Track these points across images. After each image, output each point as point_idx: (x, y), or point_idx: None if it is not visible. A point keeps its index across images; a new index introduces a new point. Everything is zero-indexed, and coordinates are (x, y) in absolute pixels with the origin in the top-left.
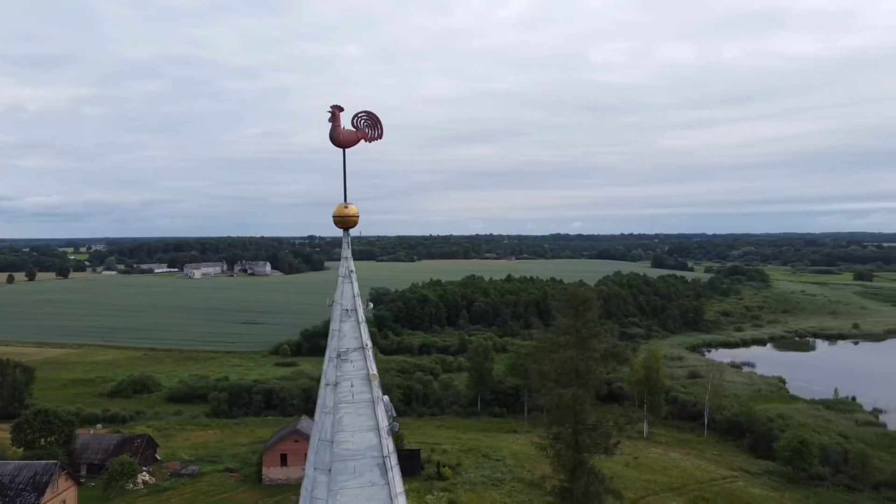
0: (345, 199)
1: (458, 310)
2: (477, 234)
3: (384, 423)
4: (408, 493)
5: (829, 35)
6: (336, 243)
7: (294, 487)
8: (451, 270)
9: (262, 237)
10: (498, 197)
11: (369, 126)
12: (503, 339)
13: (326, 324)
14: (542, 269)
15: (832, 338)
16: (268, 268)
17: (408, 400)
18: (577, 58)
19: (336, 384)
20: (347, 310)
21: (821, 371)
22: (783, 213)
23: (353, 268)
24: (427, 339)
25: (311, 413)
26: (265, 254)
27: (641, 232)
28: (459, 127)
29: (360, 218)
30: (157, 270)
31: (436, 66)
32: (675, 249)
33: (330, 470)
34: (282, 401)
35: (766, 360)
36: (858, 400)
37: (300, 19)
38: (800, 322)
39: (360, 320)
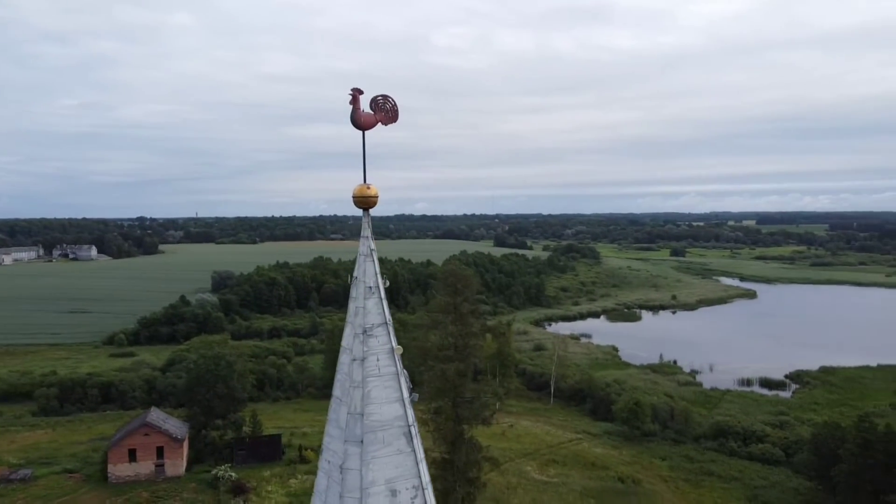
0: (364, 180)
1: (307, 292)
2: (321, 215)
3: (407, 393)
4: (270, 479)
5: (648, 32)
6: (169, 225)
7: (143, 483)
8: (298, 252)
9: (85, 219)
10: (342, 177)
11: (386, 109)
12: None
13: (166, 310)
14: (388, 249)
15: (655, 308)
16: (93, 252)
17: (261, 385)
18: (422, 41)
19: (363, 359)
20: (370, 287)
21: (647, 339)
22: (609, 195)
23: (373, 246)
24: (277, 322)
25: (157, 404)
26: (89, 237)
27: (483, 212)
28: (303, 106)
29: (378, 199)
30: None
31: (278, 42)
32: (514, 229)
33: (362, 441)
34: (122, 394)
35: (601, 331)
36: (679, 363)
37: None
38: (627, 295)
39: (382, 297)
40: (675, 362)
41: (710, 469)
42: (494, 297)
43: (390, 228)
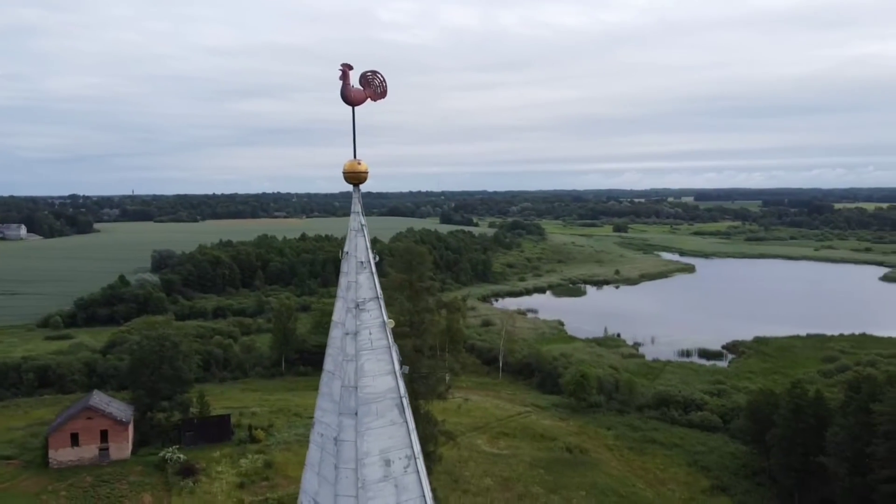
0: (354, 156)
1: (252, 271)
2: (264, 193)
3: (398, 366)
4: (220, 459)
5: (591, 10)
6: (104, 203)
7: (87, 468)
8: (241, 230)
9: (12, 196)
10: (285, 154)
11: (375, 85)
12: (301, 299)
13: (104, 291)
14: (335, 226)
15: (599, 283)
16: (23, 231)
17: (207, 365)
18: (365, 15)
19: (356, 333)
20: (362, 262)
21: (592, 313)
22: (553, 172)
23: (364, 222)
24: (222, 302)
25: (98, 387)
26: (17, 215)
27: (428, 189)
28: (243, 80)
29: (368, 174)
30: None
31: (214, 13)
32: (460, 206)
33: (356, 413)
34: (60, 377)
35: (547, 306)
36: (623, 336)
37: None
38: (572, 270)
39: (374, 272)
40: (618, 335)
41: (653, 437)
42: (442, 273)
43: (335, 206)
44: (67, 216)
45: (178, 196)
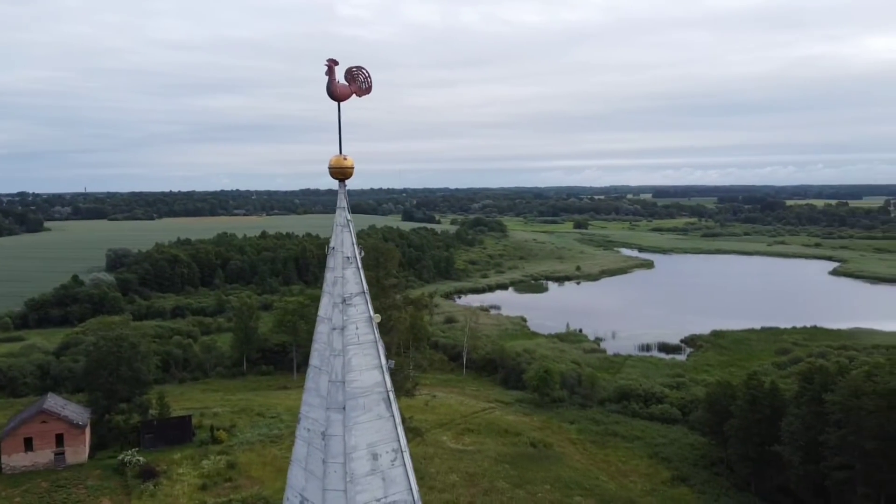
0: (340, 151)
1: (212, 269)
2: (223, 190)
3: (385, 360)
4: (181, 461)
5: (552, 7)
6: (55, 200)
7: (43, 473)
8: (199, 228)
9: None
10: (244, 151)
11: (360, 80)
12: (262, 297)
13: (57, 291)
14: (295, 224)
15: (560, 279)
16: None
17: (167, 366)
18: (325, 10)
19: (343, 328)
20: (348, 257)
21: (554, 309)
22: (514, 169)
23: (350, 217)
24: (180, 301)
25: (52, 389)
26: None
27: (390, 186)
28: (201, 74)
29: (354, 170)
30: None
31: (170, 6)
32: (422, 203)
33: (344, 408)
34: (11, 381)
35: (509, 303)
36: (584, 331)
37: None
38: (534, 267)
39: (360, 267)
40: (580, 331)
41: (615, 430)
42: (405, 271)
43: (295, 204)
44: (16, 214)
45: (134, 193)
